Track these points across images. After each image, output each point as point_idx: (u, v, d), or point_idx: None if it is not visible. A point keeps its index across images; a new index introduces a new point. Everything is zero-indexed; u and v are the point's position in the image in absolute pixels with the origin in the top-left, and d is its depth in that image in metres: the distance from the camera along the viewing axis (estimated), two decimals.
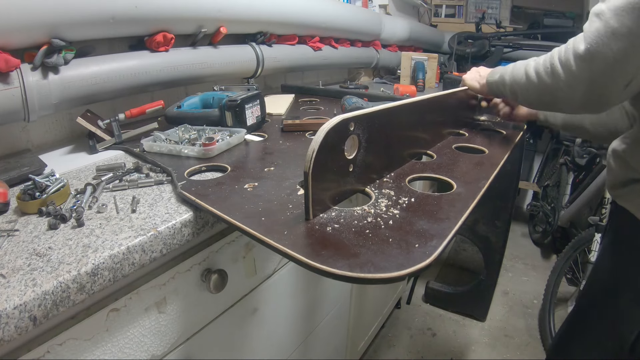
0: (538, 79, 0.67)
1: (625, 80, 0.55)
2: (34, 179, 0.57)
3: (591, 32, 0.55)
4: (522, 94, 0.75)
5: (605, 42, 0.53)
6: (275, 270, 0.79)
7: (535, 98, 0.71)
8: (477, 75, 0.94)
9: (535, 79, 0.68)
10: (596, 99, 0.59)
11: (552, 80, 0.64)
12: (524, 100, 0.77)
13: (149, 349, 0.57)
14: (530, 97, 0.73)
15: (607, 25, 0.53)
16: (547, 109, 0.81)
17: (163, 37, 0.96)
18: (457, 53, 2.53)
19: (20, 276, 0.40)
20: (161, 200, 0.58)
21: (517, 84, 0.75)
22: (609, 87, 0.56)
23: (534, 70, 0.69)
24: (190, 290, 0.61)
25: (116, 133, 0.83)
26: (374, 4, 2.21)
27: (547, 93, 0.66)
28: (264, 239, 0.42)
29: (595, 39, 0.54)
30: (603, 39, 0.53)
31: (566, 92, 0.62)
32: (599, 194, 1.76)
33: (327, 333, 1.08)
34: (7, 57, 0.67)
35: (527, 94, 0.73)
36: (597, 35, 0.54)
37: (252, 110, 0.89)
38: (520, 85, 0.73)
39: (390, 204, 0.49)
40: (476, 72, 0.95)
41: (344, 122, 0.45)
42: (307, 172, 0.42)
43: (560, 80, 0.62)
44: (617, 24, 0.52)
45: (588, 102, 0.60)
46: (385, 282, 0.35)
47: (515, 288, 2.05)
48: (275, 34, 1.37)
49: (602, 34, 0.53)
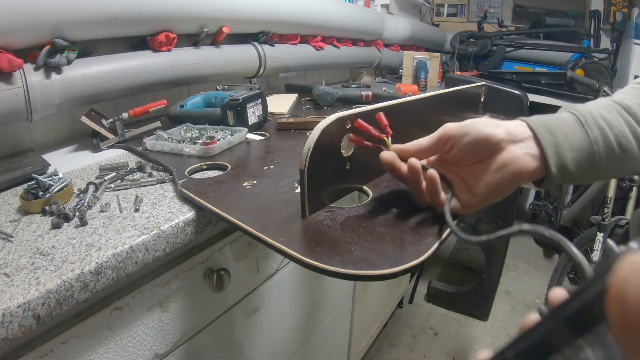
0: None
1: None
2: (37, 178, 0.58)
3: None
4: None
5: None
6: (277, 269, 0.79)
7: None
8: (522, 145, 0.41)
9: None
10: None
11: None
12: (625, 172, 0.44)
13: (152, 347, 0.57)
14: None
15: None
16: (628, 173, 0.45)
17: (165, 37, 0.96)
18: (459, 52, 2.52)
19: (23, 275, 0.41)
20: (164, 199, 0.58)
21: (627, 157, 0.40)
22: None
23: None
24: (193, 289, 0.61)
25: (119, 132, 0.83)
26: (376, 4, 2.20)
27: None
28: (260, 235, 0.42)
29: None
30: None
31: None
32: (601, 193, 1.75)
33: (329, 332, 1.08)
34: (10, 57, 0.67)
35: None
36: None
37: (254, 109, 0.90)
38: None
39: (387, 202, 0.49)
40: (513, 137, 0.41)
41: (340, 120, 0.44)
42: (303, 170, 0.42)
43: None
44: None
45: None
46: (378, 278, 0.35)
47: (518, 287, 2.05)
48: (278, 33, 1.37)
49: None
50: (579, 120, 0.41)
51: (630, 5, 2.60)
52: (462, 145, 0.42)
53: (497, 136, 0.40)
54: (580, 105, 0.43)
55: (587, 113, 0.41)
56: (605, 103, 0.43)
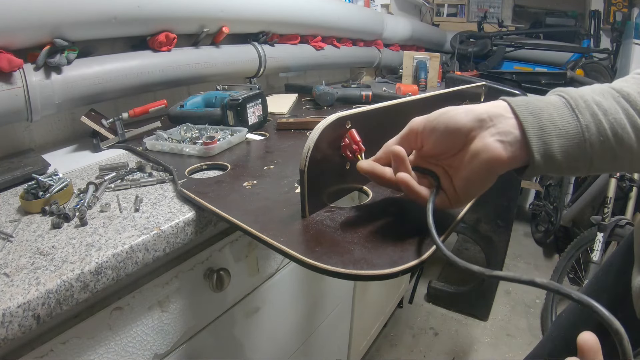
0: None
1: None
2: (37, 178, 0.58)
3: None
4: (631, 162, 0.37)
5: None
6: (277, 269, 0.79)
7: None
8: (493, 130, 0.37)
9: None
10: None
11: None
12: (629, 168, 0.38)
13: (152, 347, 0.57)
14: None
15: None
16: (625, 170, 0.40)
17: (165, 37, 0.96)
18: (459, 52, 2.52)
19: (24, 275, 0.41)
20: (164, 199, 0.58)
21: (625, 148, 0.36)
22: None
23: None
24: (193, 289, 0.61)
25: (119, 132, 0.83)
26: (376, 4, 2.20)
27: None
28: (260, 235, 0.42)
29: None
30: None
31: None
32: (601, 193, 1.76)
33: (330, 332, 1.08)
34: (10, 57, 0.67)
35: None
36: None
37: (254, 109, 0.90)
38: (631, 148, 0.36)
39: (387, 201, 0.49)
40: (483, 123, 0.37)
41: (340, 120, 0.44)
42: (303, 169, 0.42)
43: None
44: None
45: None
46: (378, 278, 0.35)
47: (518, 287, 2.05)
48: (278, 33, 1.37)
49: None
50: (568, 104, 0.36)
51: (630, 5, 2.60)
52: (433, 142, 0.39)
53: (466, 126, 0.36)
54: (572, 88, 0.38)
55: (579, 97, 0.36)
56: (601, 88, 0.38)
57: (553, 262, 2.05)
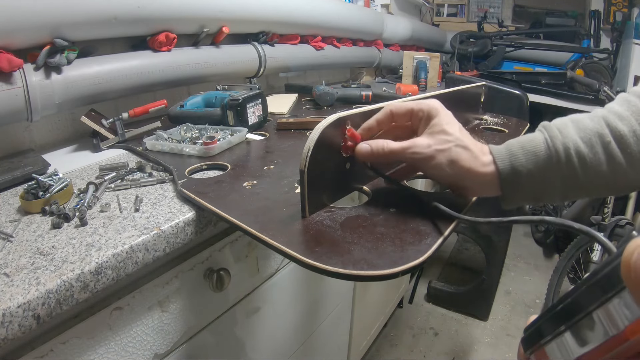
0: (629, 159, 0.40)
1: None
2: (37, 178, 0.58)
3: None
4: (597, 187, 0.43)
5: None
6: (277, 269, 0.79)
7: (607, 185, 0.42)
8: (475, 148, 0.45)
9: (623, 160, 0.40)
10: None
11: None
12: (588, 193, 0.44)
13: (152, 347, 0.57)
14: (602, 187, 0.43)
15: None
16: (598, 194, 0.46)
17: (165, 37, 0.96)
18: (459, 52, 2.53)
19: (24, 275, 0.41)
20: (164, 199, 0.58)
21: (595, 175, 0.41)
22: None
23: (622, 148, 0.40)
24: (193, 289, 0.61)
25: (119, 132, 0.83)
26: (376, 4, 2.20)
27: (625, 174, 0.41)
28: (260, 235, 0.42)
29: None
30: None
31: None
32: None
33: (330, 332, 1.08)
34: (10, 57, 0.67)
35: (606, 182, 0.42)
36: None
37: (254, 109, 0.90)
38: (598, 174, 0.41)
39: (387, 202, 0.49)
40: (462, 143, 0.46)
41: (340, 120, 0.44)
42: (303, 170, 0.42)
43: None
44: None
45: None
46: (378, 279, 0.35)
47: (518, 287, 2.05)
48: (277, 33, 1.37)
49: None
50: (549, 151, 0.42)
51: (630, 5, 2.60)
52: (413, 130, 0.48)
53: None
54: (558, 130, 0.42)
55: (561, 144, 0.41)
56: (592, 129, 0.41)
57: (553, 262, 2.05)
